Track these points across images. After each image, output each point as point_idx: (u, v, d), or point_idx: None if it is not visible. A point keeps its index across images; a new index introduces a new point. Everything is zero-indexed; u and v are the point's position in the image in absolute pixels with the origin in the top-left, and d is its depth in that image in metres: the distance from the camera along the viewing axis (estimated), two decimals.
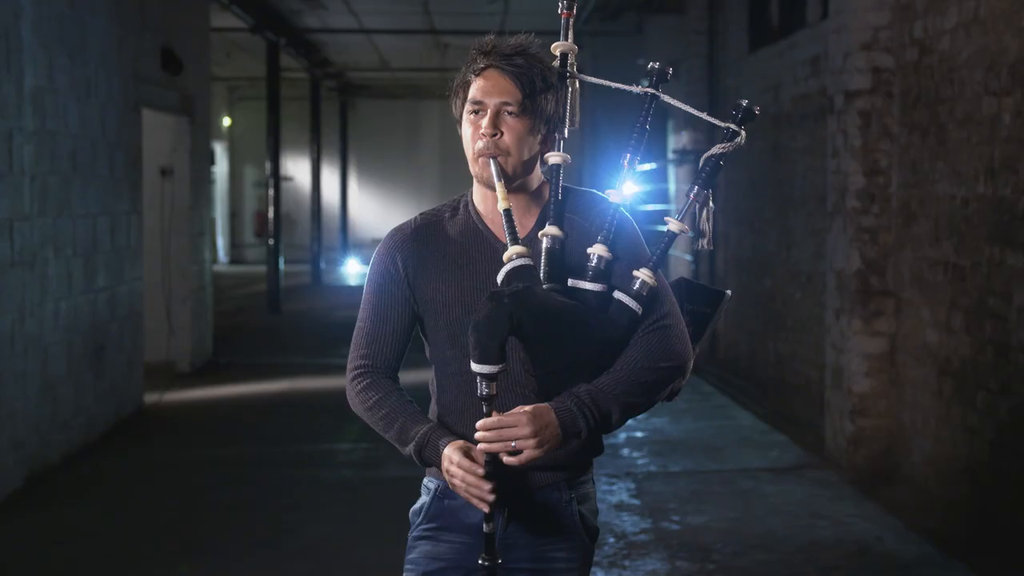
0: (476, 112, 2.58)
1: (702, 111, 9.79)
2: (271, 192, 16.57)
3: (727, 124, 2.61)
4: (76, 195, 7.85)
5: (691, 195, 2.62)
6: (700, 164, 2.62)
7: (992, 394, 5.89)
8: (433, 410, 2.71)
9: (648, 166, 13.47)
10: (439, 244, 2.65)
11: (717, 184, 10.78)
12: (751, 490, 6.91)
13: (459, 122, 2.63)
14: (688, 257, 11.80)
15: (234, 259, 26.65)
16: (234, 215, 26.89)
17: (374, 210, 27.08)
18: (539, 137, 2.60)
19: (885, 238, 7.08)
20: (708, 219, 2.64)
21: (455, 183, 22.60)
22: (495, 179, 2.54)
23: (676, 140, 12.48)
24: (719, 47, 11.45)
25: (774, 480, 7.12)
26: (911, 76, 6.83)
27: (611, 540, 5.98)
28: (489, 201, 2.62)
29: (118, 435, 8.49)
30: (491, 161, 2.55)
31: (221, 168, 26.07)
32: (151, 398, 9.73)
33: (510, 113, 2.55)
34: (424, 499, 2.73)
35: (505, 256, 2.50)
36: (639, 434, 8.43)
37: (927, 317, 6.63)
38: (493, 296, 2.40)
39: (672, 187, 12.75)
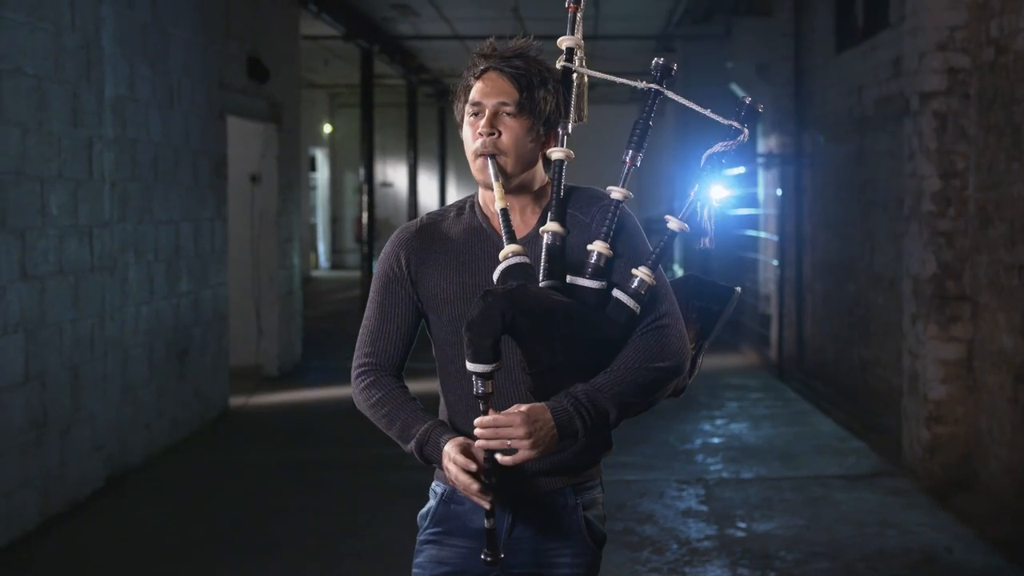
0: (475, 114, 2.59)
1: (787, 113, 9.68)
2: (365, 198, 16.72)
3: (730, 122, 2.58)
4: (158, 201, 8.01)
5: (692, 193, 2.59)
6: (702, 162, 2.59)
7: None
8: (442, 409, 2.73)
9: (737, 170, 13.36)
10: (442, 242, 2.66)
11: (804, 187, 10.65)
12: (822, 497, 6.81)
13: (460, 125, 2.65)
14: (774, 262, 11.68)
15: (335, 264, 26.95)
16: (335, 221, 27.21)
17: None
18: (538, 136, 2.61)
19: (961, 242, 6.94)
20: (709, 218, 2.61)
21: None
22: (492, 179, 2.55)
23: (764, 143, 12.36)
24: (806, 49, 11.32)
25: (847, 487, 7.02)
26: (987, 76, 6.69)
27: (674, 547, 5.94)
28: (492, 200, 2.63)
29: (201, 437, 8.65)
30: (489, 160, 2.56)
31: (322, 174, 26.42)
32: (237, 401, 9.89)
33: (508, 113, 2.56)
34: (431, 503, 2.74)
35: (501, 255, 2.51)
36: (715, 440, 8.37)
37: (1003, 322, 6.49)
38: (486, 294, 2.40)
39: (761, 191, 12.62)
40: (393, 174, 26.81)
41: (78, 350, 6.80)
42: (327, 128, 26.34)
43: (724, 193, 9.60)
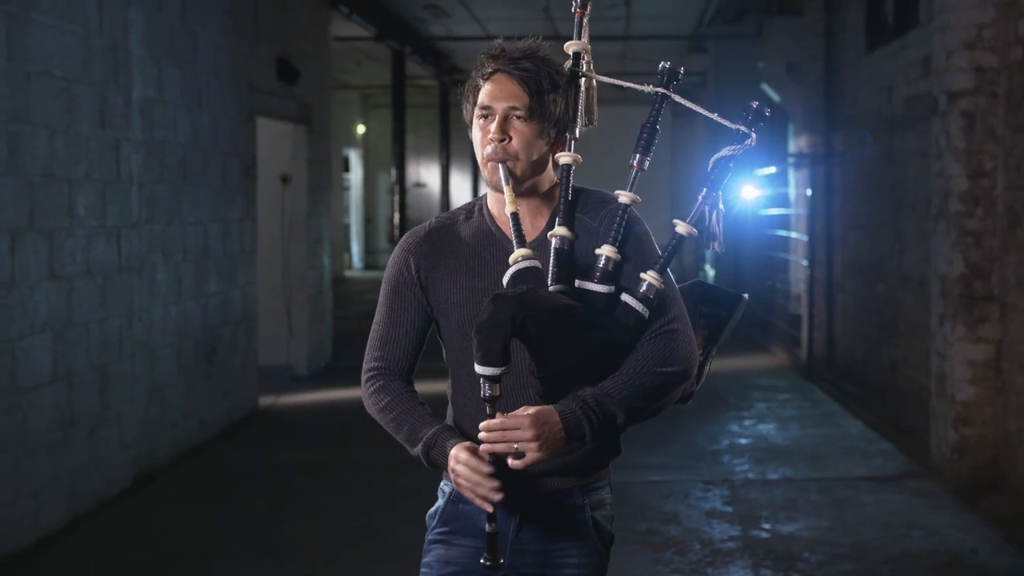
0: (485, 117, 2.60)
1: (817, 113, 9.62)
2: (396, 198, 16.78)
3: (737, 126, 2.57)
4: (186, 202, 8.06)
5: (700, 197, 2.59)
6: (710, 166, 2.59)
7: None
8: (449, 412, 2.73)
9: (768, 170, 13.31)
10: (452, 246, 2.67)
11: (835, 187, 10.58)
12: (848, 499, 6.78)
13: (469, 127, 2.65)
14: (804, 262, 11.63)
15: (368, 264, 27.01)
16: (368, 221, 27.26)
17: None
18: (548, 140, 2.61)
19: (989, 242, 6.89)
20: (718, 221, 2.60)
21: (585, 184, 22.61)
22: (503, 183, 2.56)
23: (795, 143, 12.31)
24: (837, 48, 11.26)
25: (874, 489, 6.98)
26: (1016, 75, 6.64)
27: (697, 547, 5.93)
28: (502, 204, 2.63)
29: (229, 437, 8.69)
30: (500, 166, 2.56)
31: (356, 175, 26.50)
32: (266, 401, 9.93)
33: (518, 117, 2.57)
34: (439, 503, 2.75)
35: (511, 258, 2.51)
36: (742, 441, 8.35)
37: None
38: (496, 298, 2.41)
39: (792, 190, 12.57)
40: (426, 175, 26.85)
41: (106, 350, 6.85)
42: (360, 129, 26.41)
43: (755, 193, 9.54)
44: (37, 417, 6.07)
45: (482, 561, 2.53)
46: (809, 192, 11.50)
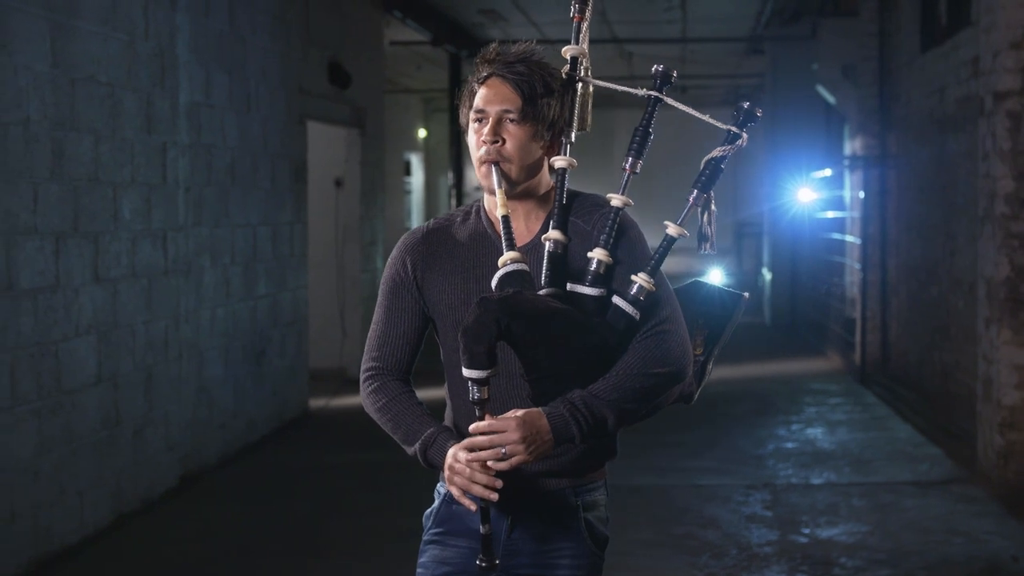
0: (479, 120, 2.62)
1: (872, 114, 9.55)
2: (454, 202, 16.86)
3: (729, 127, 2.57)
4: (234, 206, 8.15)
5: (691, 199, 2.59)
6: (701, 167, 2.59)
7: None
8: (448, 413, 2.76)
9: (823, 172, 13.22)
10: (448, 248, 2.69)
11: (889, 189, 10.48)
12: (890, 504, 6.72)
13: (466, 130, 2.68)
14: (857, 265, 11.53)
15: None
16: None
17: None
18: (543, 143, 2.63)
19: None
20: (710, 223, 2.60)
21: (645, 190, 22.60)
22: (495, 186, 2.58)
23: (850, 145, 12.21)
24: (892, 49, 11.15)
25: (917, 494, 6.91)
26: None
27: (733, 552, 5.91)
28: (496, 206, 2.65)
29: (278, 438, 8.78)
30: (493, 168, 2.59)
31: (417, 179, 26.60)
32: (318, 403, 10.02)
33: (511, 120, 2.59)
34: (435, 504, 2.77)
35: (500, 261, 2.53)
36: (788, 445, 8.30)
37: None
38: (481, 301, 2.43)
39: (847, 193, 12.47)
40: None
41: (151, 351, 6.95)
42: (421, 133, 26.51)
43: (811, 196, 9.51)
44: (81, 418, 6.17)
45: (478, 562, 2.55)
46: (862, 195, 11.40)
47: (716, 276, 22.32)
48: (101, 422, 6.38)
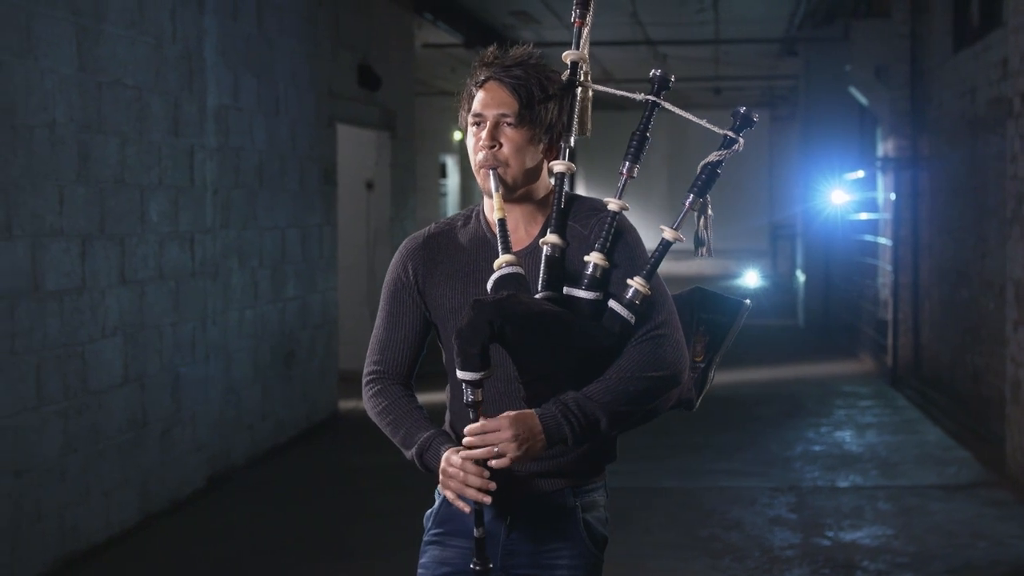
0: (477, 124, 2.64)
1: (904, 116, 9.51)
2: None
3: (725, 131, 2.57)
4: (263, 208, 8.20)
5: (687, 203, 2.59)
6: (697, 171, 2.59)
7: None
8: (447, 418, 2.78)
9: (856, 174, 13.15)
10: (449, 252, 2.71)
11: (921, 191, 10.40)
12: (915, 507, 6.68)
13: (464, 134, 2.70)
14: (889, 267, 11.47)
15: None
16: None
17: None
18: (541, 146, 2.64)
19: None
20: (706, 227, 2.60)
21: (683, 191, 22.59)
22: (493, 190, 2.59)
23: (882, 147, 12.15)
24: (925, 51, 11.09)
25: (943, 497, 6.87)
26: None
27: (756, 555, 5.90)
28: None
29: (307, 439, 8.82)
30: (490, 172, 2.60)
31: (452, 181, 26.66)
32: (347, 404, 10.05)
33: (509, 124, 2.60)
34: (435, 504, 2.79)
35: (495, 264, 2.55)
36: (816, 448, 8.27)
37: None
38: (475, 303, 2.44)
39: (880, 195, 12.40)
40: None
41: (178, 352, 7.00)
42: (457, 135, 26.54)
43: (844, 198, 9.48)
44: (108, 418, 6.23)
45: (471, 566, 2.56)
46: (893, 196, 11.34)
47: (752, 278, 22.34)
48: (128, 422, 6.43)
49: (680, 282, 2.64)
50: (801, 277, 16.43)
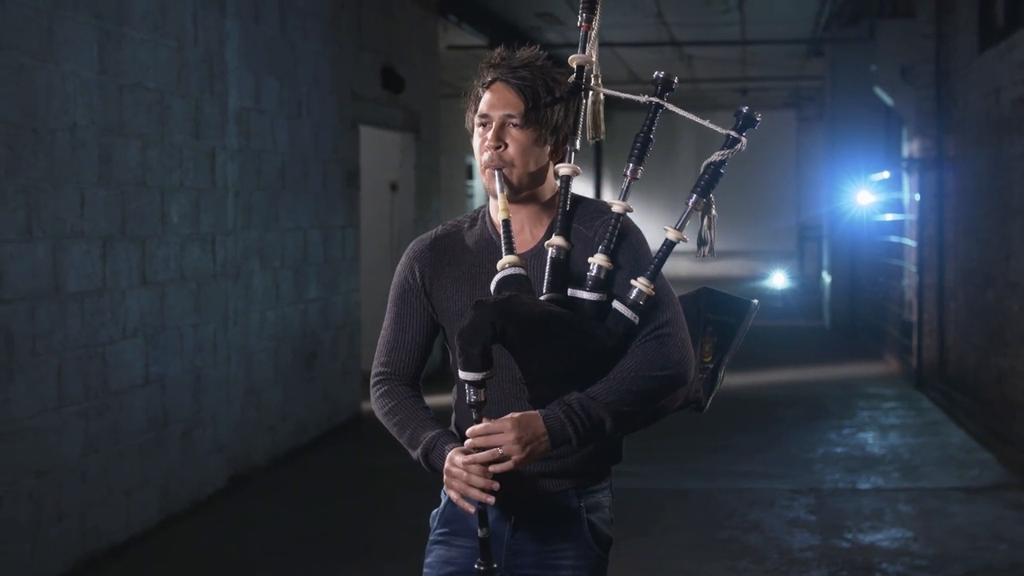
0: (483, 125, 2.65)
1: (929, 117, 9.50)
2: None
3: (728, 131, 2.57)
4: (284, 210, 8.24)
5: (690, 203, 2.59)
6: (700, 171, 2.59)
7: None
8: (453, 419, 2.79)
9: (882, 175, 13.10)
10: (455, 254, 2.72)
11: (947, 192, 10.35)
12: (936, 510, 6.65)
13: (471, 135, 2.71)
14: (914, 268, 11.42)
15: None
16: None
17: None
18: (547, 148, 2.65)
19: None
20: (710, 227, 2.60)
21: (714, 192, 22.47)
22: (498, 191, 2.60)
23: (907, 148, 12.09)
24: (950, 51, 11.04)
25: (965, 500, 6.84)
26: None
27: (774, 556, 5.89)
28: None
29: (329, 440, 8.85)
30: (496, 173, 2.61)
31: (479, 183, 26.68)
32: (370, 406, 10.05)
33: (514, 125, 2.61)
34: (441, 504, 2.80)
35: (499, 265, 2.56)
36: (838, 450, 8.24)
37: None
38: (477, 304, 2.46)
39: (905, 196, 12.34)
40: None
41: (200, 353, 7.04)
42: None
43: (870, 199, 9.46)
44: (128, 418, 6.26)
45: (476, 566, 2.57)
46: (917, 197, 11.28)
47: (779, 279, 22.28)
48: (148, 423, 6.47)
49: (705, 283, 2.64)
50: (827, 278, 16.38)
